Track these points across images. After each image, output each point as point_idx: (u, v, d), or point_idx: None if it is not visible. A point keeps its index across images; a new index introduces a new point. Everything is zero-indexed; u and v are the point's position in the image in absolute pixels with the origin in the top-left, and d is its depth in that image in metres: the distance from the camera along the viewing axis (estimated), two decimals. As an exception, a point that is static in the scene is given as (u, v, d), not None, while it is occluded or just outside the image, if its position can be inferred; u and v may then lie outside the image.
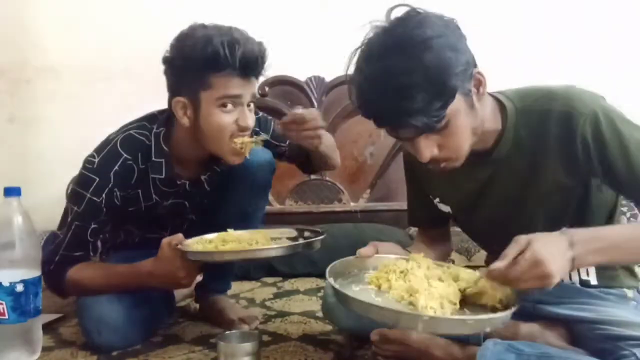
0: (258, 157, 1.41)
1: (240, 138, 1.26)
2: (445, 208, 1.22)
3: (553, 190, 1.05)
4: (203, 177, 1.42)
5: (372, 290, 0.97)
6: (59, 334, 1.43)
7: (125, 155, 1.30)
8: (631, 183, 0.98)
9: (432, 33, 0.91)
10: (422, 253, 1.07)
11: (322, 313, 1.35)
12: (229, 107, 1.24)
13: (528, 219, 1.08)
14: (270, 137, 1.46)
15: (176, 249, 1.21)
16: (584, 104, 0.99)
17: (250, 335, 1.13)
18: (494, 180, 1.10)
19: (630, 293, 1.12)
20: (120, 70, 2.42)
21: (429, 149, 0.97)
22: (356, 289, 0.98)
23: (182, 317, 1.55)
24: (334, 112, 2.54)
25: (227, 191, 1.43)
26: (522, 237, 0.87)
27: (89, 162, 1.30)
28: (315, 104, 2.54)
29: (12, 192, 1.18)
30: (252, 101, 1.28)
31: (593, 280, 1.11)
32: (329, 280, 0.94)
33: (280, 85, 2.54)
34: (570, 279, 1.11)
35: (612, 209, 1.10)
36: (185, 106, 1.26)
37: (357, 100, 0.98)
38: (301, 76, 2.55)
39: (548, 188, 1.05)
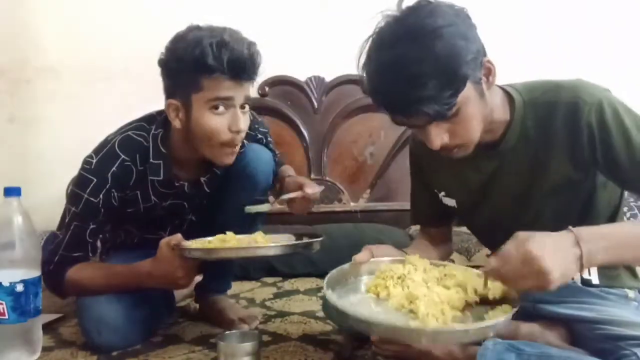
0: (258, 157, 1.41)
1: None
2: (451, 202, 1.21)
3: (559, 184, 1.05)
4: (202, 179, 1.41)
5: (370, 299, 0.96)
6: (59, 334, 1.42)
7: (123, 156, 1.29)
8: (633, 173, 0.98)
9: (443, 22, 0.92)
10: (417, 254, 1.07)
11: (323, 313, 1.35)
12: (221, 109, 1.23)
13: (533, 215, 1.08)
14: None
15: (174, 249, 1.21)
16: (589, 94, 1.00)
17: (250, 335, 1.13)
18: (501, 172, 1.10)
19: (631, 294, 1.12)
20: (120, 70, 2.42)
21: (439, 136, 0.98)
22: (354, 299, 0.97)
23: (182, 317, 1.55)
24: (334, 112, 2.54)
25: (227, 191, 1.43)
26: (521, 233, 0.86)
27: (87, 162, 1.29)
28: (315, 104, 2.55)
29: (12, 192, 1.18)
30: (245, 103, 1.26)
31: (595, 279, 1.11)
32: (328, 294, 0.92)
33: (280, 85, 2.54)
34: (572, 278, 1.10)
35: (616, 210, 1.10)
36: (177, 108, 1.26)
37: (368, 89, 1.00)
38: (301, 76, 2.55)
39: (554, 181, 1.05)
